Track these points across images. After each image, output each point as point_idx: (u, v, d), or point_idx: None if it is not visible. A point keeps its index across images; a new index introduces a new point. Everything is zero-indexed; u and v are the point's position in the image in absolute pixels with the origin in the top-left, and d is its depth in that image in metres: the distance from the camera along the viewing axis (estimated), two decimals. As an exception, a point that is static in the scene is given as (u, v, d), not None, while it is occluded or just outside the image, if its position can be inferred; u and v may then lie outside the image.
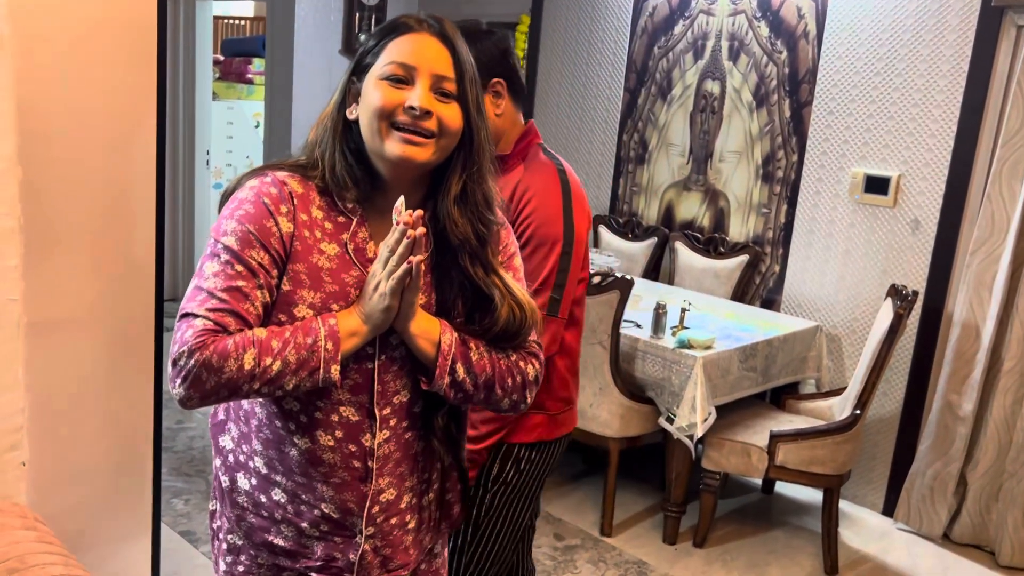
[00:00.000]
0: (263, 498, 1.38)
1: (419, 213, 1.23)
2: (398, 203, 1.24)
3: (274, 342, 1.21)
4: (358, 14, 5.21)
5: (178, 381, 1.19)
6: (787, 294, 4.09)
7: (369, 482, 1.35)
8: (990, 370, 3.43)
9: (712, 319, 3.64)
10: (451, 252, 1.34)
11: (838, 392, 3.62)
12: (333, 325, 1.24)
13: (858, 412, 3.20)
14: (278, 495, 1.36)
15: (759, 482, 3.94)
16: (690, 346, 3.23)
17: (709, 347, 3.24)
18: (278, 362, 1.21)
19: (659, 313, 3.35)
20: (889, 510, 3.76)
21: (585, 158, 4.89)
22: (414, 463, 1.41)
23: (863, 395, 3.19)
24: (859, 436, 3.26)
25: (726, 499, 3.77)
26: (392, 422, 1.35)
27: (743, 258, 4.13)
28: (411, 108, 1.26)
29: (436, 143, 1.28)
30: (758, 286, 4.18)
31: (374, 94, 1.28)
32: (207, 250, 1.26)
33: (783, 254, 4.09)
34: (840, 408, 3.45)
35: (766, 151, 4.12)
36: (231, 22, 8.02)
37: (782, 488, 3.93)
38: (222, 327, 1.20)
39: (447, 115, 1.28)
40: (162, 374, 2.21)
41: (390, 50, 1.29)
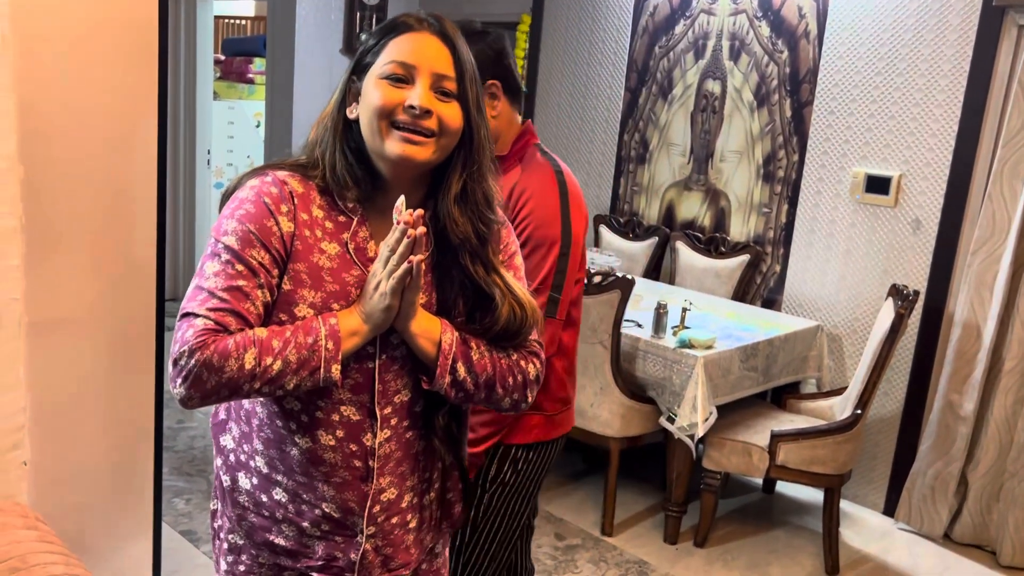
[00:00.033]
0: (264, 497, 1.38)
1: (419, 212, 1.23)
2: (398, 202, 1.24)
3: (275, 341, 1.21)
4: (359, 13, 5.21)
5: (179, 381, 1.19)
6: (788, 294, 4.08)
7: (370, 481, 1.35)
8: (991, 370, 3.43)
9: (713, 319, 3.64)
10: (452, 251, 1.34)
11: (839, 392, 3.61)
12: (334, 324, 1.24)
13: (859, 412, 3.20)
14: (279, 494, 1.36)
15: (760, 482, 3.94)
16: (691, 346, 3.23)
17: (710, 347, 3.24)
18: (279, 362, 1.21)
19: (660, 313, 3.35)
20: (890, 510, 3.76)
21: (586, 158, 4.89)
22: (415, 462, 1.40)
23: (864, 395, 3.19)
24: (860, 436, 3.26)
25: (727, 499, 3.77)
26: (393, 421, 1.35)
27: (744, 258, 4.13)
28: (411, 107, 1.26)
29: (436, 142, 1.28)
30: (759, 286, 4.18)
31: (374, 93, 1.27)
32: (208, 250, 1.26)
33: (784, 254, 4.09)
34: (841, 408, 3.45)
35: (767, 151, 4.12)
36: (232, 21, 8.02)
37: (783, 488, 3.93)
38: (223, 327, 1.20)
39: (447, 114, 1.28)
40: (163, 373, 2.21)
41: (390, 49, 1.29)
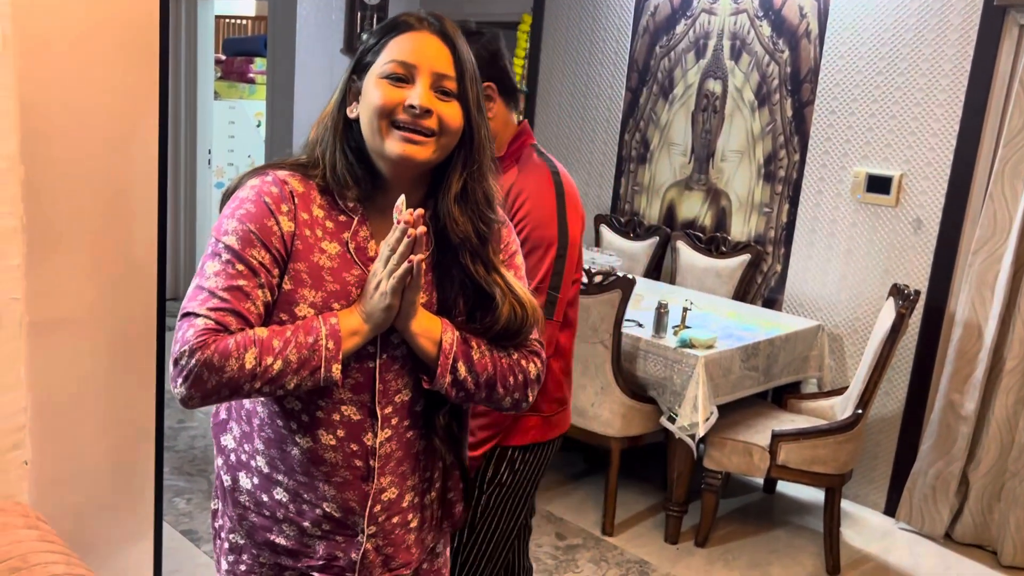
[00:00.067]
0: (265, 497, 1.38)
1: (420, 212, 1.23)
2: (399, 202, 1.24)
3: (275, 341, 1.21)
4: (360, 13, 5.22)
5: (179, 380, 1.19)
6: (789, 293, 4.08)
7: (371, 481, 1.35)
8: (992, 369, 3.43)
9: (714, 318, 3.64)
10: (452, 250, 1.33)
11: (840, 391, 3.61)
12: (334, 324, 1.24)
13: (860, 412, 3.19)
14: (280, 494, 1.36)
15: (761, 481, 3.94)
16: (692, 345, 3.23)
17: (711, 346, 3.24)
18: (279, 361, 1.21)
19: (661, 312, 3.35)
20: (891, 510, 3.76)
21: (587, 157, 4.89)
22: (416, 462, 1.40)
23: (865, 394, 3.19)
24: (861, 436, 3.26)
25: (728, 498, 3.77)
26: (394, 421, 1.35)
27: (745, 257, 4.12)
28: (411, 107, 1.25)
29: (436, 142, 1.28)
30: (760, 285, 4.18)
31: (374, 93, 1.27)
32: (208, 249, 1.26)
33: (785, 253, 4.09)
34: (842, 408, 3.44)
35: (768, 150, 4.12)
36: (233, 21, 8.02)
37: (784, 487, 3.93)
38: (223, 326, 1.20)
39: (447, 113, 1.28)
40: (164, 373, 2.21)
41: (390, 48, 1.29)
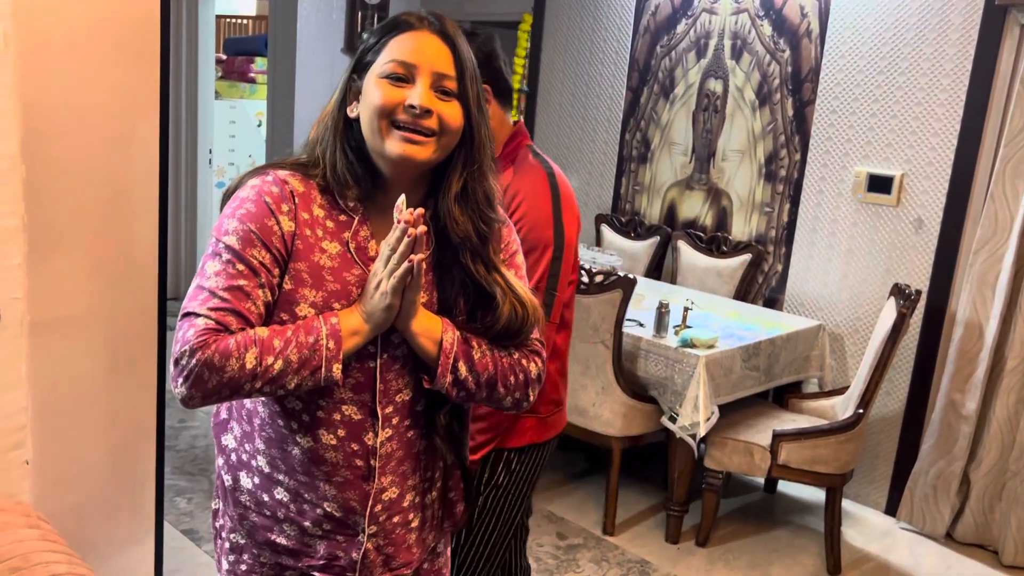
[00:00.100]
0: (265, 497, 1.38)
1: (420, 211, 1.23)
2: (399, 201, 1.24)
3: (276, 341, 1.21)
4: (360, 13, 5.21)
5: (180, 380, 1.19)
6: (790, 293, 4.08)
7: (371, 481, 1.35)
8: (993, 369, 3.43)
9: (715, 318, 3.64)
10: (452, 250, 1.33)
11: (841, 391, 3.61)
12: (335, 324, 1.24)
13: (861, 411, 3.19)
14: (280, 494, 1.36)
15: (762, 481, 3.94)
16: (693, 345, 3.23)
17: (712, 346, 3.24)
18: (280, 361, 1.21)
19: (662, 312, 3.35)
20: (892, 509, 3.76)
21: (588, 157, 4.89)
22: (416, 462, 1.40)
23: (866, 394, 3.19)
24: (862, 435, 3.26)
25: (729, 498, 3.77)
26: (394, 421, 1.35)
27: (746, 257, 4.12)
28: (411, 107, 1.25)
29: (437, 141, 1.28)
30: (761, 285, 4.17)
31: (374, 92, 1.27)
32: (209, 249, 1.26)
33: (786, 253, 4.09)
34: (843, 407, 3.44)
35: (769, 150, 4.12)
36: (233, 21, 8.02)
37: (785, 487, 3.93)
38: (224, 326, 1.20)
39: (448, 113, 1.28)
40: (165, 373, 2.21)
41: (391, 48, 1.29)
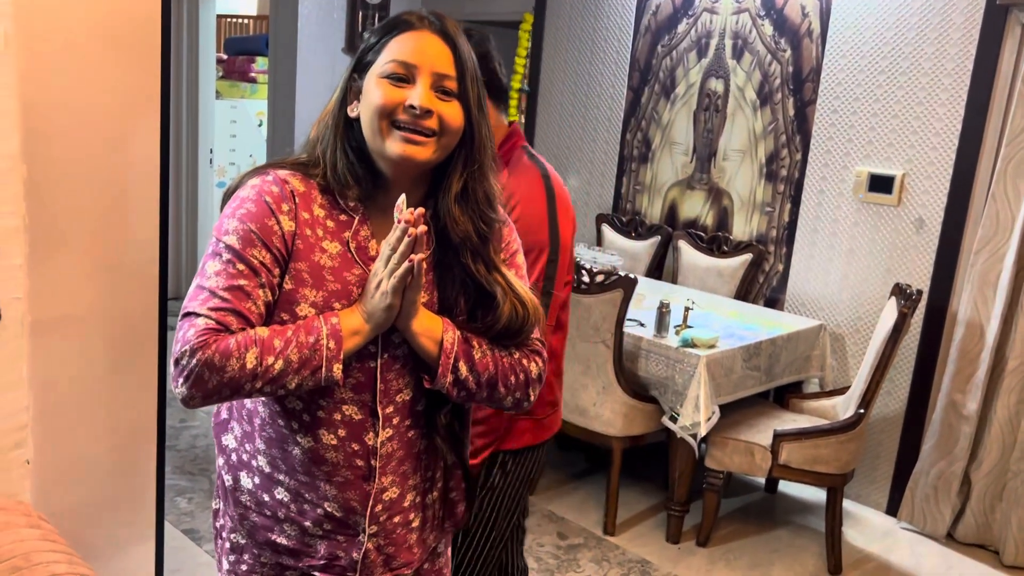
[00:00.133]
0: (266, 497, 1.38)
1: (420, 211, 1.23)
2: (400, 201, 1.24)
3: (276, 341, 1.21)
4: (361, 12, 5.21)
5: (180, 380, 1.19)
6: (791, 293, 4.08)
7: (372, 481, 1.35)
8: (994, 369, 3.43)
9: (716, 318, 3.64)
10: (453, 249, 1.33)
11: (842, 391, 3.61)
12: (335, 324, 1.24)
13: (862, 411, 3.19)
14: (281, 494, 1.36)
15: (762, 481, 3.93)
16: (694, 345, 3.23)
17: (713, 346, 3.24)
18: (280, 361, 1.21)
19: (662, 312, 3.34)
20: (893, 509, 3.75)
21: (589, 156, 4.89)
22: (417, 461, 1.40)
23: (867, 394, 3.19)
24: (863, 435, 3.26)
25: (729, 498, 3.77)
26: (395, 420, 1.35)
27: (747, 257, 4.12)
28: (411, 107, 1.25)
29: (437, 142, 1.28)
30: (762, 285, 4.17)
31: (375, 92, 1.27)
32: (209, 249, 1.26)
33: (787, 253, 4.08)
34: (844, 407, 3.44)
35: (770, 150, 4.11)
36: (234, 20, 8.02)
37: (786, 487, 3.93)
38: (224, 326, 1.20)
39: (448, 113, 1.28)
40: (165, 372, 2.21)
41: (391, 48, 1.29)
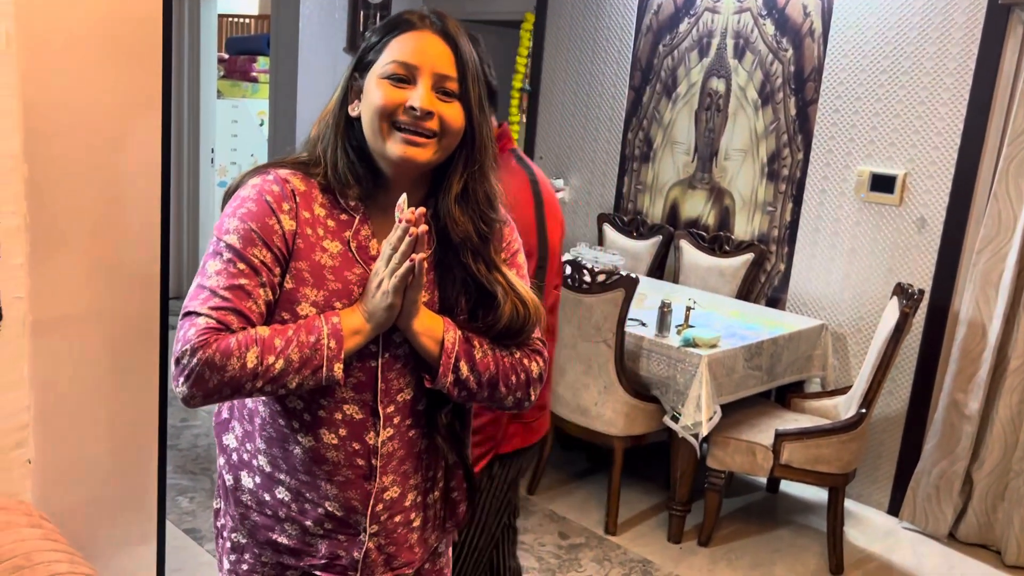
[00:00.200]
0: (267, 496, 1.37)
1: (421, 210, 1.23)
2: (401, 200, 1.24)
3: (277, 340, 1.21)
4: (363, 12, 5.21)
5: (181, 379, 1.19)
6: (792, 293, 4.07)
7: (373, 480, 1.35)
8: (996, 369, 3.42)
9: (717, 317, 3.64)
10: (454, 249, 1.33)
11: (843, 391, 3.61)
12: (336, 323, 1.24)
13: (863, 411, 3.19)
14: (282, 493, 1.36)
15: (764, 481, 3.93)
16: (695, 344, 3.23)
17: (714, 345, 3.24)
18: (281, 360, 1.21)
19: (664, 311, 3.34)
20: (895, 509, 3.75)
21: (590, 156, 4.89)
22: (418, 461, 1.40)
23: (869, 394, 3.19)
24: (864, 435, 3.25)
25: (731, 498, 3.77)
26: (396, 420, 1.35)
27: (748, 256, 4.12)
28: (412, 109, 1.25)
29: (438, 143, 1.28)
30: (763, 284, 4.17)
31: (375, 93, 1.27)
32: (210, 248, 1.26)
33: (788, 252, 4.08)
34: (845, 407, 3.44)
35: (771, 149, 4.11)
36: (236, 20, 8.02)
37: (787, 487, 3.93)
38: (225, 325, 1.20)
39: (449, 114, 1.28)
40: (167, 372, 2.21)
41: (392, 48, 1.29)
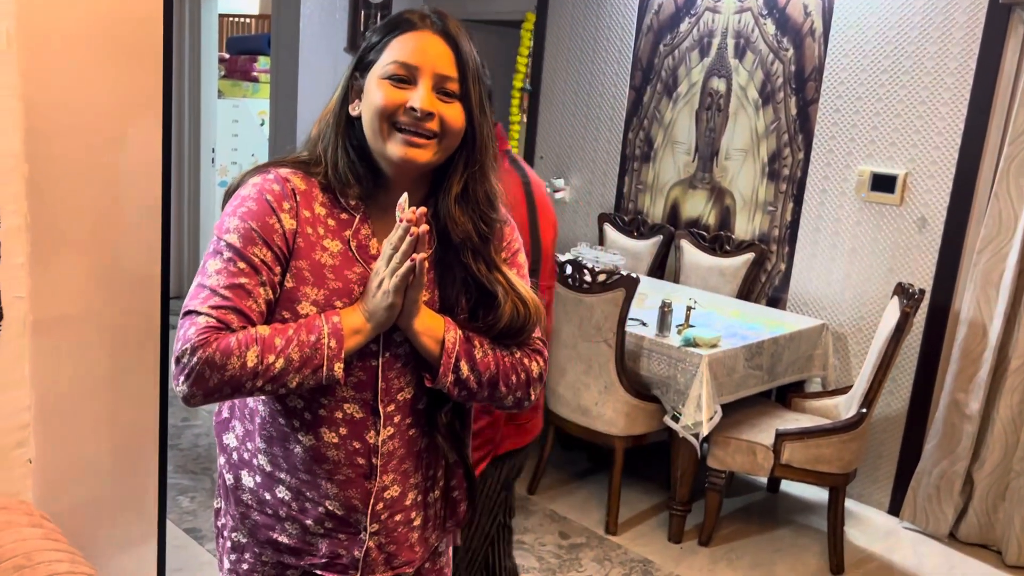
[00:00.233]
0: (267, 495, 1.37)
1: (423, 210, 1.23)
2: (402, 200, 1.24)
3: (277, 339, 1.21)
4: (363, 12, 5.21)
5: (181, 378, 1.19)
6: (793, 292, 4.07)
7: (373, 479, 1.35)
8: (997, 368, 3.42)
9: (718, 317, 3.64)
10: (454, 248, 1.33)
11: (844, 391, 3.61)
12: (336, 323, 1.24)
13: (864, 411, 3.19)
14: (282, 492, 1.36)
15: (765, 481, 3.93)
16: (696, 344, 3.23)
17: (715, 345, 3.24)
18: (281, 360, 1.21)
19: (664, 311, 3.34)
20: (895, 509, 3.75)
21: (591, 156, 4.89)
22: (418, 460, 1.40)
23: (869, 394, 3.18)
24: (865, 435, 3.25)
25: (731, 498, 3.76)
26: (396, 419, 1.35)
27: (749, 256, 4.12)
28: (412, 109, 1.25)
29: (438, 144, 1.28)
30: (764, 284, 4.17)
31: (376, 93, 1.27)
32: (210, 247, 1.26)
33: (789, 252, 4.08)
34: (846, 407, 3.44)
35: (772, 149, 4.11)
36: (236, 20, 8.03)
37: (788, 487, 3.93)
38: (225, 324, 1.20)
39: (449, 115, 1.28)
40: (167, 371, 2.21)
41: (392, 48, 1.28)
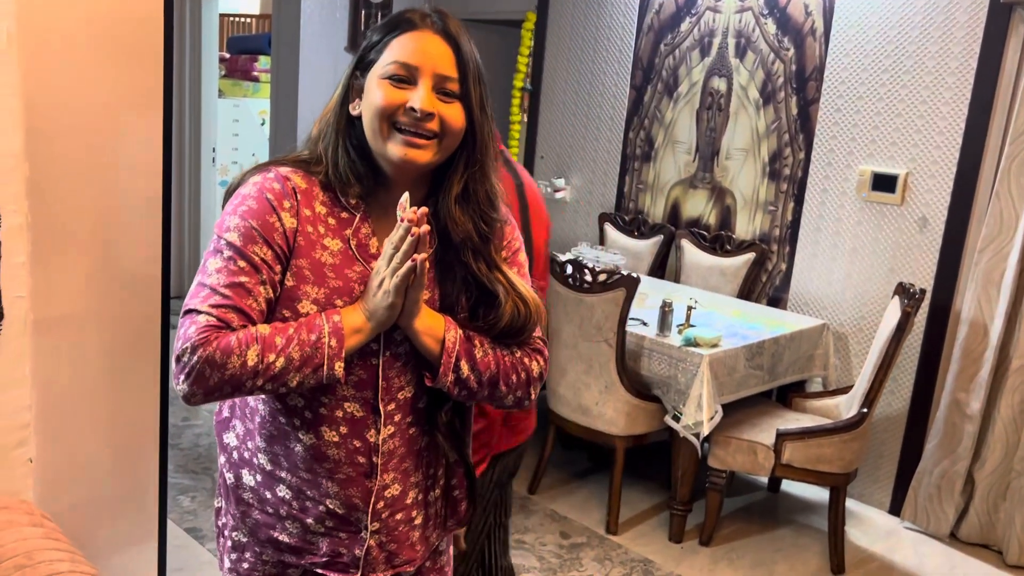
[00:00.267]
0: (268, 494, 1.38)
1: (423, 210, 1.23)
2: (403, 199, 1.24)
3: (277, 338, 1.21)
4: (364, 11, 5.21)
5: (182, 377, 1.19)
6: (794, 292, 4.07)
7: (374, 478, 1.35)
8: (998, 368, 3.42)
9: (718, 317, 3.64)
10: (455, 248, 1.33)
11: (845, 390, 3.60)
12: (337, 322, 1.24)
13: (865, 410, 3.19)
14: (283, 491, 1.36)
15: (765, 480, 3.93)
16: (696, 344, 3.23)
17: (715, 345, 3.24)
18: (281, 359, 1.21)
19: (665, 311, 3.34)
20: (896, 509, 3.75)
21: (591, 155, 4.89)
22: (419, 459, 1.40)
23: (870, 393, 3.18)
24: (866, 434, 3.25)
25: (732, 497, 3.76)
26: (396, 418, 1.35)
27: (749, 256, 4.12)
28: (412, 110, 1.25)
29: (438, 144, 1.28)
30: (764, 284, 4.17)
31: (376, 93, 1.27)
32: (211, 246, 1.26)
33: (790, 252, 4.08)
34: (847, 406, 3.44)
35: (773, 149, 4.11)
36: (237, 19, 8.03)
37: (788, 487, 3.92)
38: (225, 323, 1.20)
39: (449, 115, 1.28)
40: (168, 371, 2.21)
41: (393, 48, 1.28)
